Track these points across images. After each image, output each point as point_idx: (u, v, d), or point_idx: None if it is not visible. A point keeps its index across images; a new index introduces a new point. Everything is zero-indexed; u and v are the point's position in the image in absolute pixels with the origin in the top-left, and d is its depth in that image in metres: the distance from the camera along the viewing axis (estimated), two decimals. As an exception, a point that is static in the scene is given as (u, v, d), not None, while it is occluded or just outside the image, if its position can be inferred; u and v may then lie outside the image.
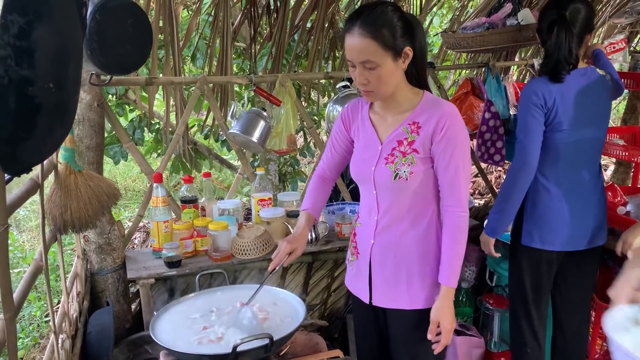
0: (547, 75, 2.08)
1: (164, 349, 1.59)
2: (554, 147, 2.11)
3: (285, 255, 1.75)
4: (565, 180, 2.14)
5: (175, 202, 2.57)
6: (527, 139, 2.09)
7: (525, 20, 2.48)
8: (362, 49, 1.54)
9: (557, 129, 2.08)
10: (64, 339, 1.73)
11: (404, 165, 1.64)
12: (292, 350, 1.84)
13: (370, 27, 1.52)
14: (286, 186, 4.77)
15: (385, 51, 1.54)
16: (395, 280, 1.74)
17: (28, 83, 0.95)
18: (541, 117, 2.07)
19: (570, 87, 2.06)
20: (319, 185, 1.94)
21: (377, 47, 1.53)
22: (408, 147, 1.65)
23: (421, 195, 1.68)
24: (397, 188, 1.66)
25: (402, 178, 1.64)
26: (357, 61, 1.57)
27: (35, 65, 0.95)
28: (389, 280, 1.75)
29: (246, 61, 4.10)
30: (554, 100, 2.05)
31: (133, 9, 1.74)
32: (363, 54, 1.54)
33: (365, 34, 1.53)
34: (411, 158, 1.64)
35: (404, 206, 1.69)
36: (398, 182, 1.65)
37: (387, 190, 1.69)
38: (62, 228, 1.73)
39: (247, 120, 2.45)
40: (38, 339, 3.66)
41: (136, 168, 7.23)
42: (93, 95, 2.16)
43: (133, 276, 2.22)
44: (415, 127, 1.65)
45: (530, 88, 2.09)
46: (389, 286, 1.75)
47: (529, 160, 2.09)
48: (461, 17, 4.15)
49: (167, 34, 2.76)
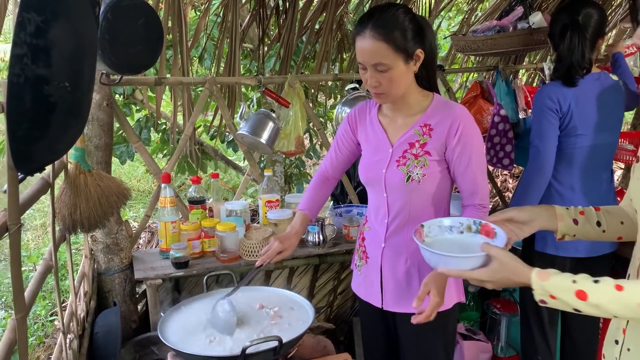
0: (560, 80, 2.07)
1: (172, 350, 1.58)
2: (568, 152, 2.10)
3: (275, 254, 1.73)
4: (579, 185, 2.12)
5: (182, 202, 2.56)
6: (542, 143, 2.08)
7: (537, 24, 2.47)
8: (374, 51, 1.53)
9: (571, 134, 2.07)
10: (72, 339, 1.72)
11: (416, 168, 1.63)
12: (300, 353, 1.82)
13: (382, 30, 1.51)
14: (292, 188, 4.77)
15: (396, 54, 1.53)
16: (407, 284, 1.73)
17: (44, 82, 0.94)
18: (556, 122, 2.05)
19: (584, 91, 2.05)
20: (320, 184, 1.93)
21: (389, 49, 1.52)
22: (420, 149, 1.64)
23: (433, 197, 1.67)
24: (409, 190, 1.65)
25: (415, 180, 1.63)
26: (368, 64, 1.56)
27: (52, 64, 0.95)
28: (401, 284, 1.73)
29: (253, 62, 4.10)
30: (569, 105, 2.03)
31: (145, 8, 1.74)
32: (375, 56, 1.53)
33: (377, 37, 1.51)
34: (424, 160, 1.63)
35: (416, 208, 1.68)
36: (410, 184, 1.64)
37: (399, 193, 1.68)
38: (71, 228, 1.72)
39: (256, 122, 2.44)
40: (43, 338, 3.66)
41: (141, 168, 7.23)
42: (102, 95, 2.16)
43: (140, 276, 2.21)
44: (427, 129, 1.64)
45: (545, 92, 2.08)
46: (401, 290, 1.74)
47: (544, 165, 2.07)
48: (470, 20, 4.14)
49: (176, 34, 2.76)
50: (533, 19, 2.51)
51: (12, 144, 0.93)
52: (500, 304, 2.80)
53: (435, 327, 1.65)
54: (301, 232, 1.84)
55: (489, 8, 4.03)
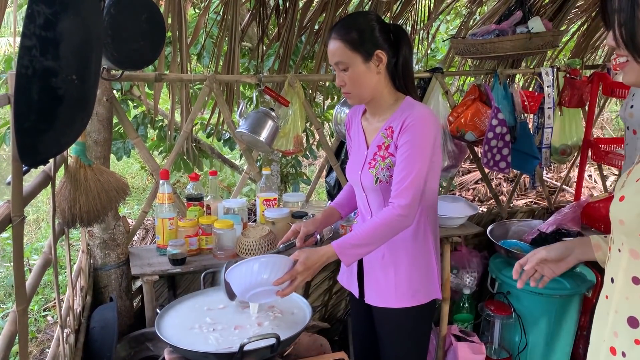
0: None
1: (169, 346, 1.58)
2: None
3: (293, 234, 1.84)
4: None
5: (180, 199, 2.56)
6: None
7: (536, 29, 2.48)
8: (334, 51, 1.68)
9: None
10: (69, 333, 1.72)
11: (383, 170, 1.71)
12: (296, 352, 1.83)
13: (341, 31, 1.67)
14: (288, 187, 4.77)
15: (353, 53, 1.65)
16: (384, 279, 1.80)
17: (52, 74, 0.95)
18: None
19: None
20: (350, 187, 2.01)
21: (346, 48, 1.66)
22: (385, 151, 1.72)
23: None
24: (381, 191, 1.73)
25: (383, 182, 1.71)
26: (332, 63, 1.71)
27: (60, 57, 0.95)
28: (378, 279, 1.81)
29: (252, 61, 4.10)
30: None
31: (148, 4, 1.74)
32: (335, 55, 1.68)
33: (336, 37, 1.68)
34: (389, 162, 1.70)
35: None
36: (380, 185, 1.72)
37: (374, 193, 1.77)
38: (70, 222, 1.72)
39: (255, 120, 2.44)
40: (35, 333, 3.64)
41: (136, 165, 7.21)
42: (102, 90, 2.15)
43: (137, 272, 2.20)
44: (390, 131, 1.71)
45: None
46: (379, 285, 1.81)
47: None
48: (468, 24, 4.16)
49: (175, 31, 2.76)
50: (532, 24, 2.53)
51: (18, 135, 0.94)
52: (494, 306, 2.81)
53: (411, 322, 1.80)
54: (321, 220, 1.92)
55: (487, 12, 4.05)
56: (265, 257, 1.59)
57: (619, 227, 1.09)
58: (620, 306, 1.10)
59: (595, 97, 3.16)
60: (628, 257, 1.08)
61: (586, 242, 1.33)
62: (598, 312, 1.19)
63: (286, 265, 1.57)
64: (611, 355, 1.12)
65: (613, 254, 1.14)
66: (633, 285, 1.07)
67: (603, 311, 1.16)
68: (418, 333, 1.88)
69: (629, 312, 1.08)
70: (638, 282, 1.06)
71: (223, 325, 1.66)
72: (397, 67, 1.73)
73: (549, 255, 1.34)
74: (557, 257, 1.34)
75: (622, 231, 1.08)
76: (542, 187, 3.42)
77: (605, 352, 1.14)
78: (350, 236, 1.63)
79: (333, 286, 2.98)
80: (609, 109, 7.57)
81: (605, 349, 1.14)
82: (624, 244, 1.09)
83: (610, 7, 1.02)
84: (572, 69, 3.03)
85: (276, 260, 1.58)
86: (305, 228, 1.84)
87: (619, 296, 1.10)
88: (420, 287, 1.79)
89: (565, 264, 1.35)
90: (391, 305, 1.80)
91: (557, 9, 3.61)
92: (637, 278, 1.06)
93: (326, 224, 1.96)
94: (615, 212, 1.10)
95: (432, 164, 1.69)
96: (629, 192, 1.07)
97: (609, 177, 5.89)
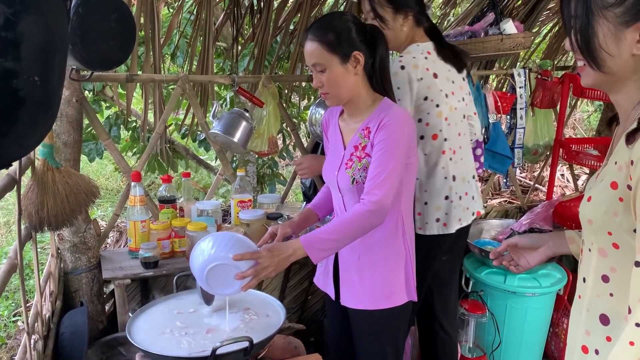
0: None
1: (141, 351, 1.56)
2: None
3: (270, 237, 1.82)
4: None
5: (152, 201, 2.53)
6: None
7: (508, 31, 2.51)
8: (311, 52, 1.67)
9: None
10: (37, 340, 1.68)
11: (359, 170, 1.70)
12: (270, 354, 1.82)
13: (318, 32, 1.66)
14: (264, 188, 4.75)
15: (331, 54, 1.64)
16: (360, 281, 1.78)
17: (12, 76, 0.91)
18: None
19: None
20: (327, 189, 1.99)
21: (323, 50, 1.64)
22: (362, 151, 1.71)
23: None
24: (358, 191, 1.71)
25: (360, 182, 1.69)
26: (309, 64, 1.70)
27: (21, 58, 0.92)
28: (354, 281, 1.79)
29: (227, 61, 4.07)
30: None
31: (117, 4, 1.71)
32: (312, 57, 1.67)
33: (312, 38, 1.66)
34: (365, 162, 1.69)
35: None
36: (357, 186, 1.71)
37: (351, 194, 1.75)
38: (37, 226, 1.68)
39: (229, 121, 2.42)
40: (5, 339, 3.56)
41: (109, 166, 7.10)
42: (72, 91, 2.12)
43: (109, 276, 2.17)
44: (367, 132, 1.71)
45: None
46: (354, 287, 1.80)
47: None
48: (442, 25, 4.19)
49: (148, 30, 2.72)
50: (504, 26, 2.56)
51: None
52: (468, 305, 2.84)
53: (385, 324, 1.79)
54: (298, 222, 1.90)
55: (461, 14, 4.09)
56: (222, 232, 1.56)
57: (588, 226, 1.11)
58: (592, 304, 1.12)
59: (566, 98, 3.21)
60: (597, 256, 1.10)
61: (560, 235, 1.36)
62: (572, 313, 1.21)
63: (247, 245, 1.54)
64: (583, 354, 1.14)
65: (585, 254, 1.16)
66: (603, 284, 1.09)
67: (576, 311, 1.18)
68: (394, 334, 1.87)
69: (600, 309, 1.10)
70: (608, 280, 1.08)
71: (195, 329, 1.64)
72: (375, 68, 1.72)
73: (521, 241, 1.42)
74: (528, 244, 1.41)
75: (590, 231, 1.10)
76: (514, 186, 3.46)
77: (578, 351, 1.16)
78: (318, 231, 1.59)
79: (309, 287, 2.97)
80: (581, 109, 7.71)
81: (578, 348, 1.16)
82: (593, 243, 1.11)
83: (567, 13, 1.04)
84: (543, 70, 3.08)
85: (233, 235, 1.55)
86: (282, 230, 1.81)
87: (591, 295, 1.12)
88: (395, 288, 1.78)
89: (538, 255, 1.40)
90: (367, 307, 1.79)
91: (529, 11, 3.65)
92: (607, 276, 1.08)
93: (303, 226, 1.94)
94: (583, 212, 1.12)
95: (408, 166, 1.69)
96: (595, 192, 1.08)
97: (580, 176, 6.00)
